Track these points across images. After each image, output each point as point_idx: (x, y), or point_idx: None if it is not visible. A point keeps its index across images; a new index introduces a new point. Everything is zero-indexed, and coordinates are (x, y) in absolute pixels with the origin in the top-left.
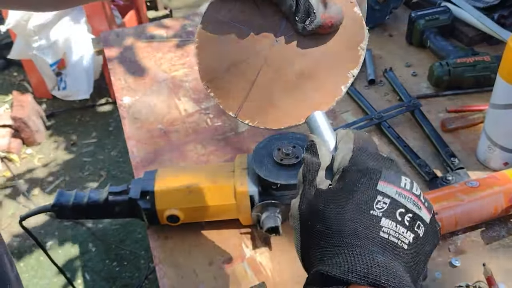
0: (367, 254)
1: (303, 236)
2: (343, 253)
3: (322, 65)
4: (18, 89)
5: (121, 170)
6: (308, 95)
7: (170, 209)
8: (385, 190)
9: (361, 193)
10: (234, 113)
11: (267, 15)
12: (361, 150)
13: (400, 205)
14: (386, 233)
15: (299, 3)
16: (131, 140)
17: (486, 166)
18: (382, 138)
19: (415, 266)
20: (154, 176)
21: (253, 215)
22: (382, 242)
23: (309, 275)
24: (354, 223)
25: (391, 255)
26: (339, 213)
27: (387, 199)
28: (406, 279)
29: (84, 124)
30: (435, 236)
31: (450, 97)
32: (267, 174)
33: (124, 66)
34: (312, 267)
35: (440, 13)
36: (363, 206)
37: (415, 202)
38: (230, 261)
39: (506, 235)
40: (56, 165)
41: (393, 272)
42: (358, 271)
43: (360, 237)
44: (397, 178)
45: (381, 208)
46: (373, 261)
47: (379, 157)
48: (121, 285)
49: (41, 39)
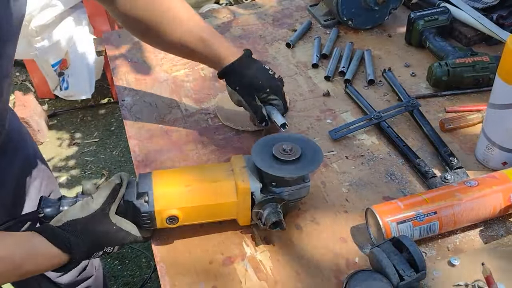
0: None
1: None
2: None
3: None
4: (20, 89)
5: (123, 169)
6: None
7: (170, 210)
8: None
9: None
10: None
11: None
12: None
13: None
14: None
15: (257, 114)
16: (133, 140)
17: (485, 165)
18: (381, 138)
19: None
20: (150, 177)
21: (253, 212)
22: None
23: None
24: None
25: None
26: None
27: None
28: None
29: (86, 124)
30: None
31: (449, 97)
32: (268, 168)
33: (125, 66)
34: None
35: (439, 13)
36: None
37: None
38: (231, 259)
39: (505, 234)
40: (58, 164)
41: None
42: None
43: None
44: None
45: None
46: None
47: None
48: (123, 283)
49: (43, 39)
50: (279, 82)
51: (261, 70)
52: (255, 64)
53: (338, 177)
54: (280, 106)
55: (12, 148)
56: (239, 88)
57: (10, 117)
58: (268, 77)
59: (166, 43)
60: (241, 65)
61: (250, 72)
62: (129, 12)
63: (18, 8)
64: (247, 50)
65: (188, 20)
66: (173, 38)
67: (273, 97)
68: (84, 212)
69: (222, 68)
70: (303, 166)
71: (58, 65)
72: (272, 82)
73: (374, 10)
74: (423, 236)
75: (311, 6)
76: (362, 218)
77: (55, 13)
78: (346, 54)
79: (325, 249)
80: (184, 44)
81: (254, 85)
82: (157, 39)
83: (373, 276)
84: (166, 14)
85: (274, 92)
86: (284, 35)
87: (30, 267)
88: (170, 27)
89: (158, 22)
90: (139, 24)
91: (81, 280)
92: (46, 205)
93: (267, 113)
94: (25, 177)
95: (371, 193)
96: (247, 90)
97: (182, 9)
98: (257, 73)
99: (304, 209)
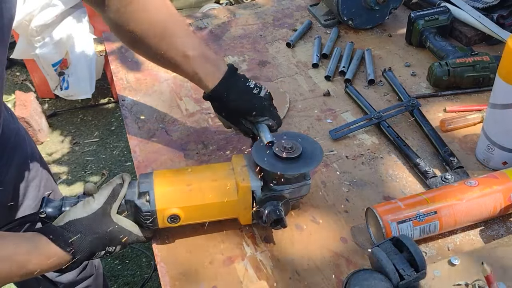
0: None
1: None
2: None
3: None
4: (21, 88)
5: (123, 169)
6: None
7: (171, 209)
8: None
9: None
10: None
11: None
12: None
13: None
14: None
15: (247, 135)
16: (133, 140)
17: (485, 165)
18: (381, 137)
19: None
20: (151, 177)
21: (254, 211)
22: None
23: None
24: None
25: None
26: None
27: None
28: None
29: (86, 124)
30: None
31: (449, 97)
32: (269, 166)
33: (126, 66)
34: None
35: (439, 13)
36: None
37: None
38: (231, 259)
39: (505, 234)
40: (59, 164)
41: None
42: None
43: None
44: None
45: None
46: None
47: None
48: (123, 283)
49: (43, 39)
50: (265, 102)
51: (245, 93)
52: (238, 85)
53: (338, 176)
54: (270, 123)
55: (10, 149)
56: (225, 114)
57: (7, 117)
58: (252, 100)
59: (152, 56)
60: (222, 91)
61: (233, 99)
62: (118, 21)
63: (7, 11)
64: (229, 67)
65: (174, 34)
66: (158, 52)
67: (261, 118)
68: (86, 212)
69: (204, 94)
70: (304, 163)
71: (59, 65)
72: (258, 104)
73: (374, 10)
74: (424, 235)
75: (312, 6)
76: (362, 217)
77: (55, 13)
78: (346, 54)
79: (326, 248)
80: (168, 60)
81: (239, 112)
82: (143, 51)
83: (373, 275)
84: (152, 28)
85: (261, 114)
86: (285, 35)
87: (33, 267)
88: (156, 41)
89: (144, 35)
90: (126, 34)
91: (81, 280)
92: (48, 205)
93: (257, 131)
94: (23, 177)
95: (372, 192)
96: (232, 117)
97: (171, 24)
98: (240, 99)
99: (304, 209)
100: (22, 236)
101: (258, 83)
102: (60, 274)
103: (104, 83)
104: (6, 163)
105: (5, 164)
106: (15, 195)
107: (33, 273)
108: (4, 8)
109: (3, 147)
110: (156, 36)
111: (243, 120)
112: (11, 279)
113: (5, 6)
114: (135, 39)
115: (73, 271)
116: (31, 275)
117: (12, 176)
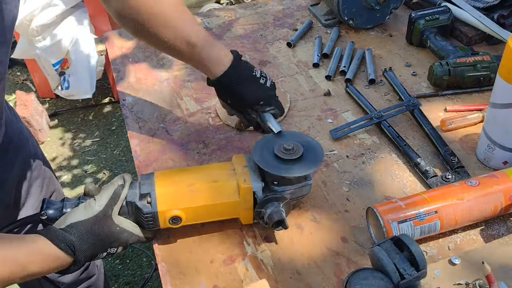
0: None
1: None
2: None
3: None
4: (22, 88)
5: (123, 169)
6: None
7: (172, 210)
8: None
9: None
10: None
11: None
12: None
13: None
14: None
15: (251, 124)
16: (134, 139)
17: (485, 165)
18: (382, 137)
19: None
20: (152, 178)
21: (255, 211)
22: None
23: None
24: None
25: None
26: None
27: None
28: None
29: (87, 123)
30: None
31: (450, 96)
32: (270, 168)
33: (126, 65)
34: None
35: (440, 13)
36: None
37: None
38: (232, 259)
39: (506, 233)
40: (59, 164)
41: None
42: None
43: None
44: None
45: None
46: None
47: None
48: (124, 282)
49: (44, 38)
50: (271, 92)
51: (251, 81)
52: (244, 73)
53: (339, 176)
54: (275, 112)
55: (13, 148)
56: (230, 102)
57: (10, 117)
58: (259, 90)
59: (156, 44)
60: (230, 78)
61: (241, 87)
62: (121, 11)
63: (8, 12)
64: (235, 55)
65: (177, 24)
66: (162, 40)
67: (267, 108)
68: (87, 214)
69: (209, 80)
70: (305, 164)
71: (59, 64)
72: (264, 94)
73: (375, 9)
74: (424, 235)
75: (312, 5)
76: (363, 217)
77: (56, 13)
78: (347, 53)
79: (326, 248)
80: (173, 48)
81: (245, 101)
82: (148, 39)
83: (374, 274)
84: (155, 17)
85: (268, 103)
86: (285, 35)
87: (34, 269)
88: (159, 30)
89: (147, 24)
90: (130, 23)
91: (83, 279)
92: (49, 207)
93: (262, 121)
94: (26, 177)
95: (372, 192)
96: (238, 105)
97: (174, 12)
98: (246, 87)
99: (305, 209)
100: (23, 238)
101: (263, 72)
102: (62, 275)
103: (104, 83)
104: (9, 163)
105: (9, 163)
106: (18, 194)
107: (35, 275)
108: (6, 9)
109: (6, 147)
110: (159, 25)
111: (249, 109)
112: (12, 281)
113: (6, 7)
114: (139, 28)
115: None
116: (32, 277)
117: (15, 175)
